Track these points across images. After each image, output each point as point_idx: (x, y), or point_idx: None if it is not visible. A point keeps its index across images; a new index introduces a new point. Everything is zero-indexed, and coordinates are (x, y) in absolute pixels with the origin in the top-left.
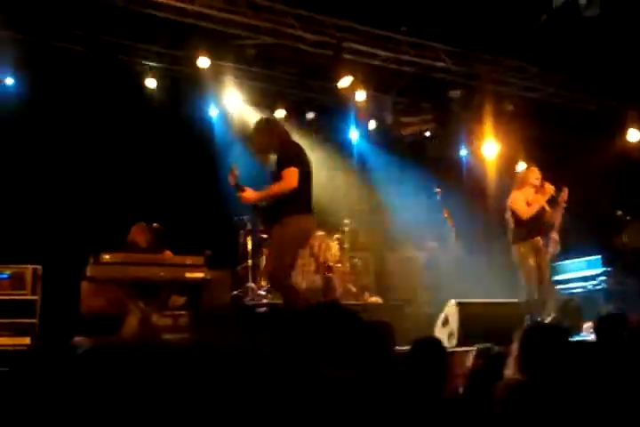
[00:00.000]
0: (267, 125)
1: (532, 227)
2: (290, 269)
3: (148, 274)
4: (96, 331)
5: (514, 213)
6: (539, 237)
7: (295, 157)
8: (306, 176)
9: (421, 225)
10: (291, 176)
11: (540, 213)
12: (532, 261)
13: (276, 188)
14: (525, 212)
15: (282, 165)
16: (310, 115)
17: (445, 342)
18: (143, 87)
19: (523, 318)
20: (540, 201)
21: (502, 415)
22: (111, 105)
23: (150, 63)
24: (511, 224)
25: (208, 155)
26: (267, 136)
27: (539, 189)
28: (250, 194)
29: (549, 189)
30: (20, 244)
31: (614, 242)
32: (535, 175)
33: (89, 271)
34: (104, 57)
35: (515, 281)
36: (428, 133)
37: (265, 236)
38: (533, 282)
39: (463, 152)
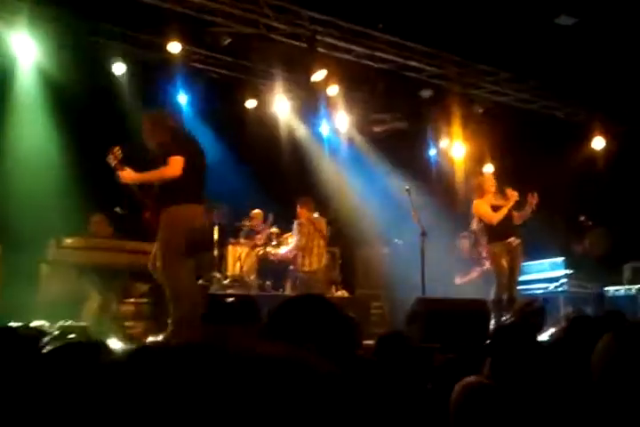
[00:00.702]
0: (156, 117)
1: (505, 228)
2: (180, 259)
3: (111, 260)
4: (55, 315)
5: (481, 220)
6: (513, 238)
7: (183, 147)
8: (195, 167)
9: (389, 222)
10: (175, 164)
11: (509, 217)
12: (504, 262)
13: (158, 172)
14: (493, 217)
15: (169, 152)
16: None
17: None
18: (111, 70)
19: (488, 315)
20: (508, 204)
21: (457, 416)
22: (76, 88)
23: (118, 44)
24: (481, 230)
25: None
26: (157, 127)
27: (499, 195)
28: (128, 173)
29: (513, 195)
30: None
31: (576, 247)
32: (490, 182)
33: (50, 255)
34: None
35: (482, 279)
36: (397, 131)
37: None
38: (504, 282)
39: (432, 151)
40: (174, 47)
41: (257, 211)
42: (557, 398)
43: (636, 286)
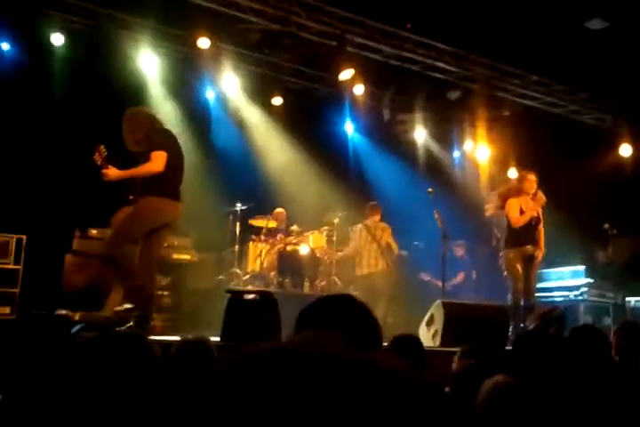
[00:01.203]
0: (133, 117)
1: (524, 234)
2: (128, 241)
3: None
4: (78, 305)
5: (507, 220)
6: (529, 246)
7: (165, 143)
8: (174, 163)
9: (410, 223)
10: (159, 159)
11: (532, 222)
12: (519, 267)
13: (143, 168)
14: (518, 220)
15: (151, 148)
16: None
17: (429, 342)
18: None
19: (507, 321)
20: (534, 210)
21: (484, 416)
22: (106, 81)
23: (149, 39)
24: (503, 230)
25: (203, 137)
26: (134, 127)
27: (533, 197)
28: (112, 171)
29: (542, 198)
30: (7, 213)
31: (599, 255)
32: (532, 184)
33: (75, 245)
34: (104, 29)
35: (499, 284)
36: (423, 133)
37: (254, 223)
38: (520, 287)
39: (456, 153)
40: (203, 43)
41: (280, 209)
42: (577, 400)
43: None
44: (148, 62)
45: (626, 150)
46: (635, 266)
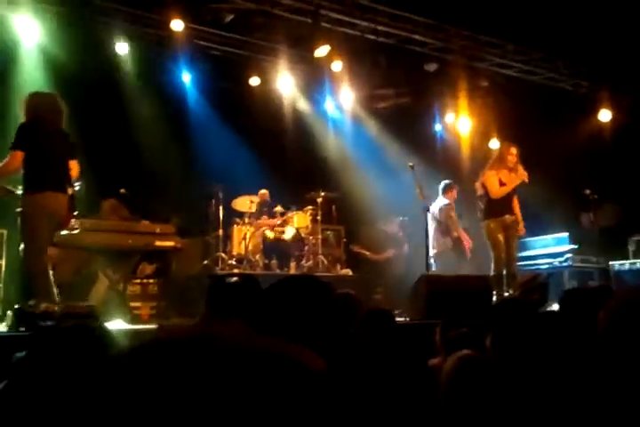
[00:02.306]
0: (27, 99)
1: (503, 205)
2: (41, 252)
3: (117, 241)
4: (63, 297)
5: (486, 191)
6: (508, 215)
7: (27, 139)
8: (45, 156)
9: (394, 199)
10: (13, 159)
11: (510, 195)
12: (500, 237)
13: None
14: (497, 192)
15: (12, 145)
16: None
17: (414, 315)
18: (114, 50)
19: (490, 291)
20: (514, 182)
21: (449, 391)
22: (78, 67)
23: (121, 23)
24: (483, 201)
25: (180, 121)
26: (25, 109)
27: (512, 170)
28: None
29: (523, 174)
30: None
31: (581, 220)
32: (513, 157)
33: (56, 237)
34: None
35: (483, 256)
36: (402, 107)
37: (237, 204)
38: (502, 256)
39: (437, 126)
40: (177, 25)
41: (264, 191)
42: (556, 370)
43: None
44: (121, 47)
45: (605, 116)
46: (617, 230)
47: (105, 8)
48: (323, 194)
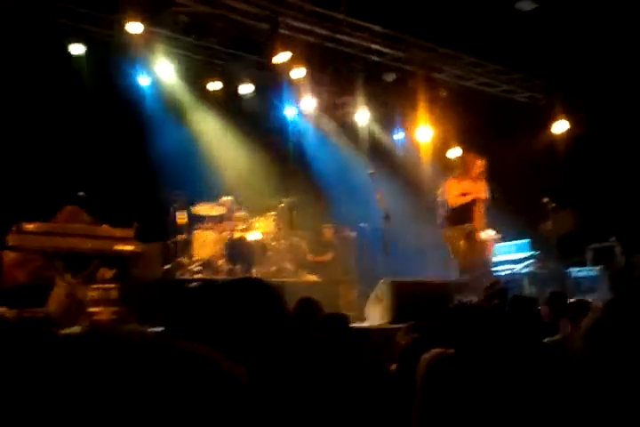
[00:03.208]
0: None
1: (464, 213)
2: None
3: (75, 245)
4: (20, 302)
5: (445, 200)
6: (468, 223)
7: None
8: None
9: (355, 206)
10: None
11: (471, 205)
12: (462, 244)
13: None
14: (453, 201)
15: None
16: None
17: (377, 320)
18: (69, 50)
19: (451, 296)
20: (473, 195)
21: (425, 388)
22: (33, 69)
23: (77, 24)
24: (444, 209)
25: (138, 125)
26: None
27: (476, 180)
28: None
29: (482, 190)
30: None
31: (540, 228)
32: (477, 167)
33: (11, 240)
34: (27, 15)
35: (443, 262)
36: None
37: (198, 211)
38: (463, 264)
39: (398, 135)
40: (134, 27)
41: (227, 198)
42: (513, 367)
43: (598, 267)
44: (77, 50)
45: (560, 126)
46: (575, 238)
47: (60, 8)
48: (284, 200)
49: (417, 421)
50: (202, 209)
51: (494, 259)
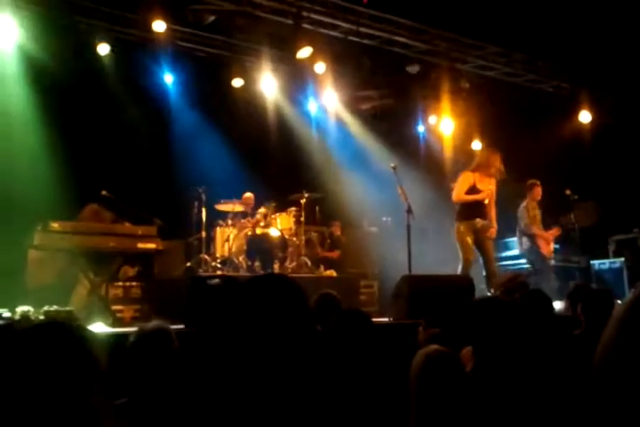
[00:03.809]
0: None
1: (475, 208)
2: None
3: (99, 244)
4: (44, 301)
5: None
6: (479, 219)
7: None
8: None
9: (377, 200)
10: None
11: (481, 202)
12: (469, 240)
13: None
14: (458, 197)
15: None
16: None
17: (397, 315)
18: (95, 50)
19: (473, 290)
20: (488, 189)
21: (417, 386)
22: (60, 69)
23: (102, 24)
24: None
25: (162, 123)
26: None
27: (492, 176)
28: None
29: (491, 191)
30: None
31: (562, 220)
32: (497, 164)
33: (36, 240)
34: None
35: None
36: (385, 108)
37: (221, 208)
38: (469, 258)
39: (420, 128)
40: (159, 26)
41: (248, 194)
42: (534, 369)
43: (621, 259)
44: (102, 48)
45: (585, 117)
46: (597, 230)
47: (85, 8)
48: (306, 195)
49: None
50: (224, 206)
51: (515, 252)
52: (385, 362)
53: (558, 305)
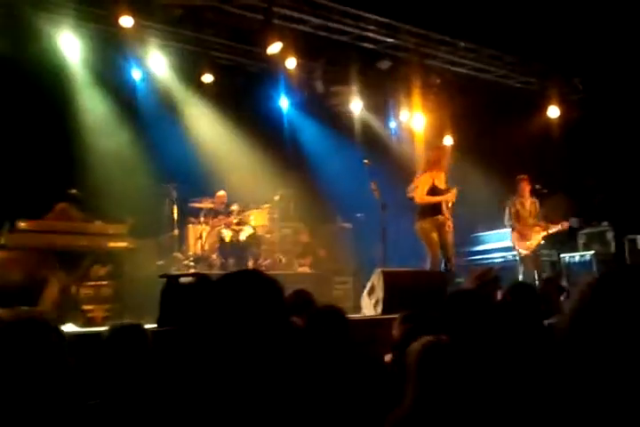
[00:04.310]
0: None
1: (435, 205)
2: None
3: (68, 243)
4: (13, 301)
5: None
6: (440, 215)
7: None
8: None
9: (351, 196)
10: None
11: (439, 194)
12: (435, 236)
13: None
14: (422, 197)
15: None
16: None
17: (372, 311)
18: (61, 46)
19: (445, 285)
20: (439, 199)
21: (418, 375)
22: (28, 64)
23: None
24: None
25: (130, 119)
26: None
27: (447, 172)
28: None
29: (452, 194)
30: None
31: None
32: (447, 157)
33: (4, 239)
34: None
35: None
36: (356, 104)
37: (196, 205)
38: (437, 254)
39: (392, 124)
40: (126, 21)
41: (222, 192)
42: (507, 355)
43: (591, 252)
44: (69, 44)
45: (553, 112)
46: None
47: (52, 3)
48: (280, 192)
49: (409, 409)
50: (196, 203)
51: (486, 247)
52: (360, 357)
53: None
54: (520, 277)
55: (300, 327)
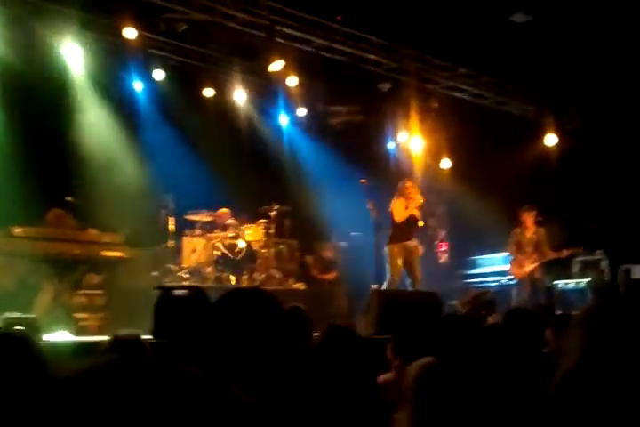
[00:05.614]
0: None
1: (406, 231)
2: None
3: (62, 250)
4: (6, 307)
5: (391, 217)
6: (410, 241)
7: None
8: None
9: (346, 215)
10: None
11: (413, 223)
12: (399, 261)
13: None
14: (400, 215)
15: None
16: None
17: (367, 331)
18: (64, 54)
19: (440, 306)
20: (415, 208)
21: (415, 397)
22: (26, 72)
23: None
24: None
25: (130, 129)
26: None
27: (412, 200)
28: None
29: (419, 199)
30: None
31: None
32: (411, 191)
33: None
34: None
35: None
36: (355, 124)
37: (191, 218)
38: (396, 279)
39: (390, 144)
40: (130, 33)
41: (224, 210)
42: (499, 381)
43: (585, 280)
44: (72, 54)
45: (550, 140)
46: (561, 250)
47: (55, 10)
48: (276, 208)
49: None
50: (193, 216)
51: (482, 270)
52: (356, 377)
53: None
54: (513, 301)
55: (310, 348)
